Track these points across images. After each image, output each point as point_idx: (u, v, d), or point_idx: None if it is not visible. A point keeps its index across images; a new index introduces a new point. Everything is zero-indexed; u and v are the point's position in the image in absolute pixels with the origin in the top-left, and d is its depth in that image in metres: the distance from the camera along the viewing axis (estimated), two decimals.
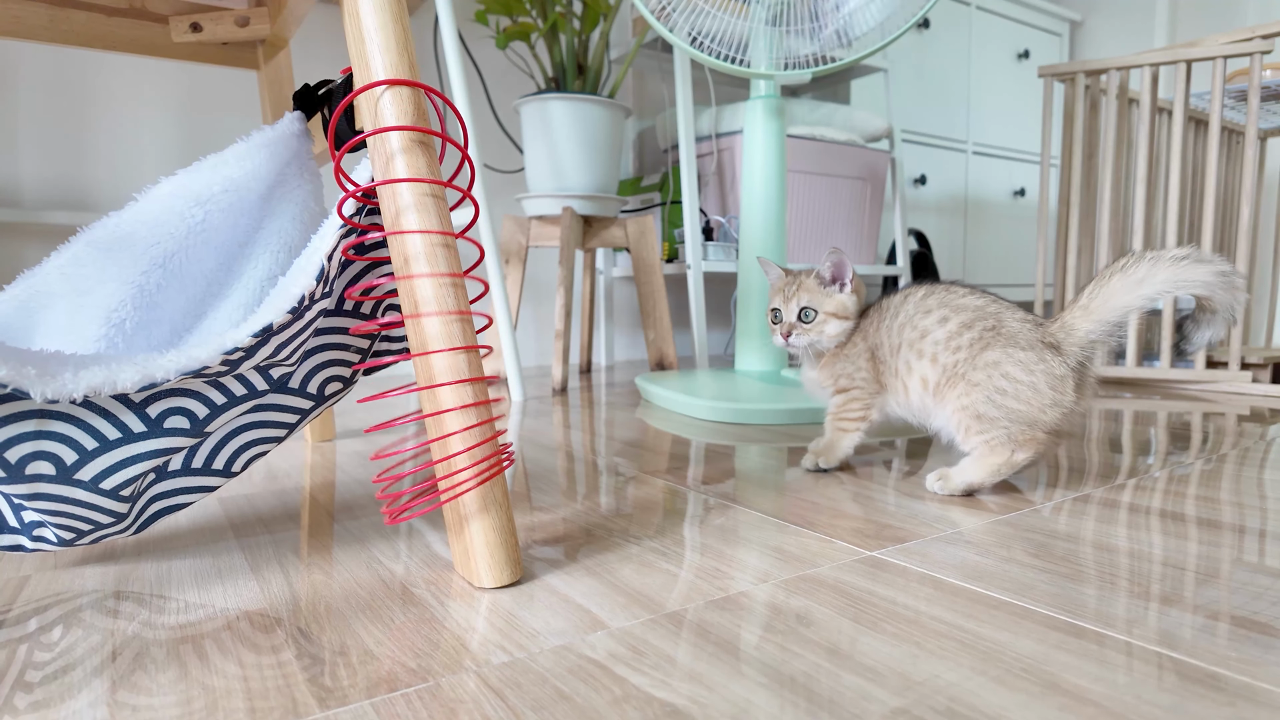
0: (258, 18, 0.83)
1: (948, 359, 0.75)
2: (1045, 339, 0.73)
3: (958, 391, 0.74)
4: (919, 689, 0.39)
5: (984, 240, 2.74)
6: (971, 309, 0.76)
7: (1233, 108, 1.88)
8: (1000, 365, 0.72)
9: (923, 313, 0.78)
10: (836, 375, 0.84)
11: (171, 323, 0.64)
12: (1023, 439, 0.72)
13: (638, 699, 0.38)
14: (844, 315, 0.83)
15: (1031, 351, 0.72)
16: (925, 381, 0.77)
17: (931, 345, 0.76)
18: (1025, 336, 0.73)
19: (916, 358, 0.77)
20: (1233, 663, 0.41)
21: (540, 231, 1.66)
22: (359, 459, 0.95)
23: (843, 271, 0.83)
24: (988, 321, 0.74)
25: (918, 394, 0.78)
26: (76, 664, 0.43)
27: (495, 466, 0.53)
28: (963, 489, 0.74)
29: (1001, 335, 0.73)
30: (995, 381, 0.72)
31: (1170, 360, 1.60)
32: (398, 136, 0.52)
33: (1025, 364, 0.72)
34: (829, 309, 0.83)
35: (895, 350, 0.80)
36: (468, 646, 0.44)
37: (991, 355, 0.73)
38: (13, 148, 1.49)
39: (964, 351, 0.74)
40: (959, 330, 0.75)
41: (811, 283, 0.84)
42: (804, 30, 1.12)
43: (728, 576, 0.55)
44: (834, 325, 0.83)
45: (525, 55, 2.05)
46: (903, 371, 0.79)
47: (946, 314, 0.76)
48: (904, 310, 0.80)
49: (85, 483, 0.51)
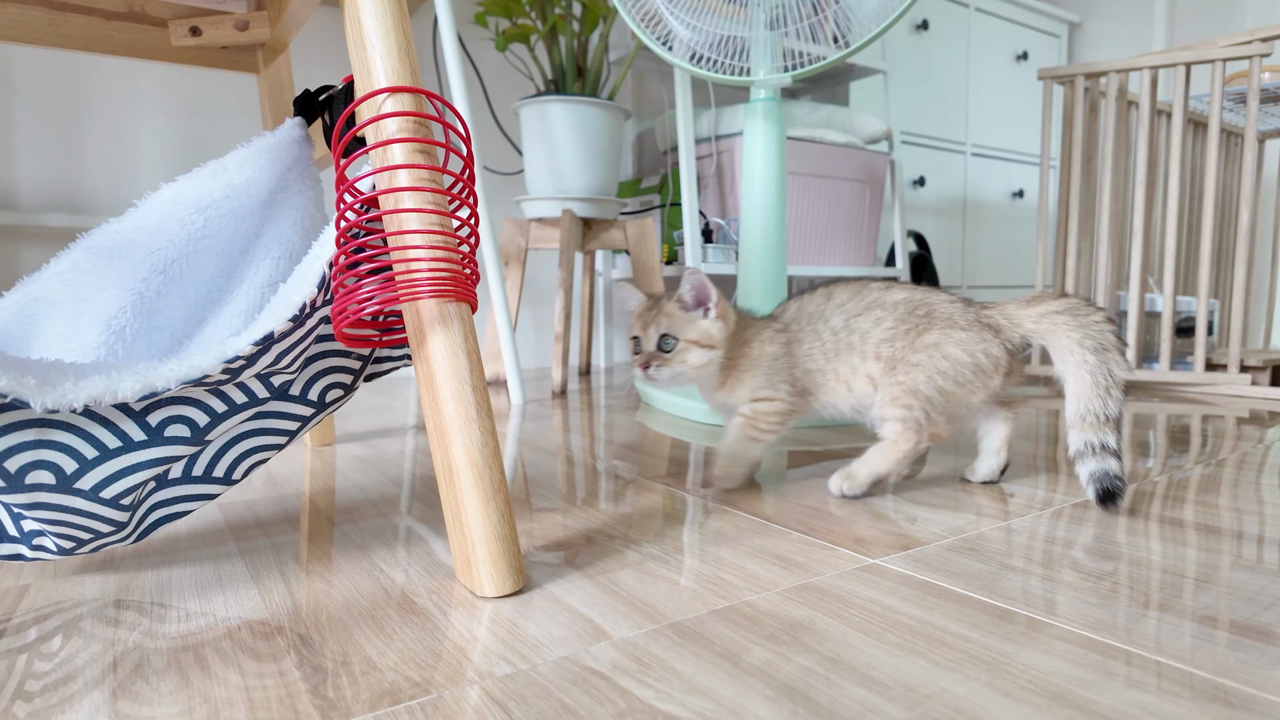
0: (258, 22, 0.83)
1: (888, 352, 0.76)
2: (983, 319, 0.75)
3: (897, 374, 0.75)
4: (926, 702, 0.38)
5: (983, 242, 2.74)
6: (902, 302, 0.77)
7: (1232, 110, 1.89)
8: (940, 346, 0.73)
9: (855, 315, 0.78)
10: (755, 389, 0.78)
11: (172, 330, 0.64)
12: (933, 429, 0.74)
13: (642, 712, 0.38)
14: (708, 343, 0.75)
15: (971, 331, 0.74)
16: (870, 379, 0.77)
17: (874, 345, 0.76)
18: (961, 317, 0.75)
19: (861, 359, 0.77)
20: (1238, 672, 0.41)
21: (539, 234, 1.66)
22: (359, 464, 0.95)
23: (705, 294, 0.76)
24: (920, 310, 0.76)
25: (862, 391, 0.78)
26: (77, 673, 0.43)
27: (458, 276, 0.52)
28: (870, 482, 0.75)
29: (937, 318, 0.75)
30: (936, 363, 0.73)
31: (1169, 363, 1.60)
32: (398, 135, 0.52)
33: (964, 343, 0.73)
34: (691, 336, 0.75)
35: (834, 354, 0.78)
36: (470, 657, 0.44)
37: (931, 337, 0.74)
38: (10, 150, 1.49)
39: (901, 340, 0.75)
40: (895, 324, 0.76)
41: (672, 307, 0.76)
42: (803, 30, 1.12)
43: (730, 585, 0.54)
44: (697, 355, 0.75)
45: (524, 57, 2.05)
46: (845, 373, 0.77)
47: (879, 314, 0.77)
48: (830, 315, 0.79)
49: (85, 492, 0.50)
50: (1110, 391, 0.70)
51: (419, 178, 0.52)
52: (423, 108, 0.53)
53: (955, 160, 2.62)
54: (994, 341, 0.74)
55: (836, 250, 2.06)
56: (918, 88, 2.48)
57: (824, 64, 1.10)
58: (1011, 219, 2.83)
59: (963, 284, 2.69)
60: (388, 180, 0.52)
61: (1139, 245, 1.63)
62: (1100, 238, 1.70)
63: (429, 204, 0.52)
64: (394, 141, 0.52)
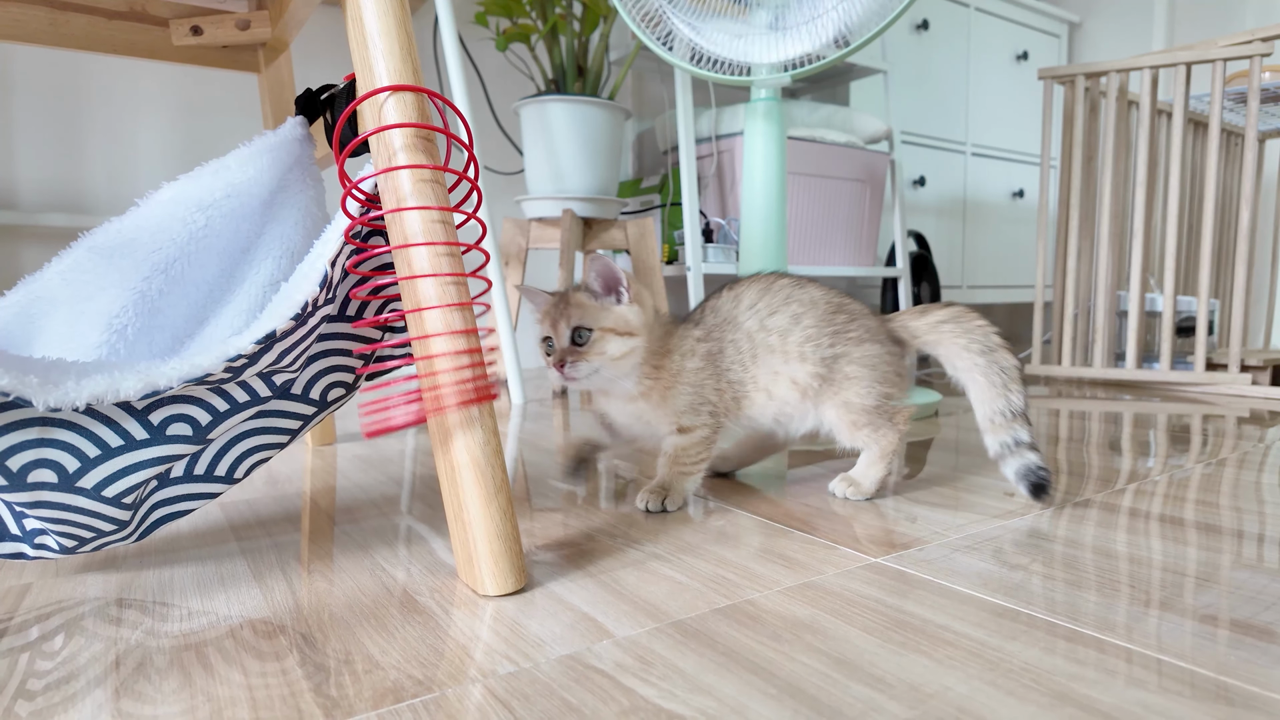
0: (259, 21, 0.83)
1: (816, 355, 0.73)
2: (891, 334, 0.76)
3: (835, 389, 0.73)
4: (928, 701, 0.39)
5: (983, 242, 2.74)
6: (820, 300, 0.75)
7: (1232, 110, 1.89)
8: (869, 358, 0.73)
9: (769, 312, 0.74)
10: (678, 412, 0.72)
11: (173, 329, 0.64)
12: (897, 418, 0.74)
13: (645, 710, 0.38)
14: (626, 330, 0.69)
15: (888, 345, 0.75)
16: (795, 383, 0.73)
17: (797, 345, 0.73)
18: (880, 330, 0.75)
19: (783, 361, 0.73)
20: (1239, 671, 0.41)
21: (540, 234, 1.66)
22: (360, 463, 0.95)
23: (614, 278, 0.70)
24: (842, 314, 0.74)
25: (784, 398, 0.74)
26: (79, 672, 0.43)
27: (482, 388, 0.52)
28: (875, 488, 0.75)
29: (864, 327, 0.75)
30: (872, 373, 0.73)
31: (1169, 363, 1.60)
32: (400, 138, 0.52)
33: (890, 356, 0.74)
34: (606, 324, 0.68)
35: (752, 358, 0.73)
36: (473, 656, 0.44)
37: (866, 350, 0.73)
38: (10, 150, 1.48)
39: (829, 346, 0.73)
40: (817, 325, 0.73)
41: (582, 297, 0.70)
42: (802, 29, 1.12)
43: (732, 583, 0.54)
44: (616, 344, 0.68)
45: (525, 57, 2.05)
46: (765, 379, 0.73)
47: (798, 310, 0.74)
48: (743, 315, 0.75)
49: (87, 490, 0.50)
50: (1009, 386, 0.72)
51: (420, 175, 0.52)
52: (424, 106, 0.53)
53: (955, 160, 2.62)
54: (900, 352, 0.76)
55: (837, 250, 2.06)
56: (918, 88, 2.48)
57: (824, 63, 1.10)
58: (1012, 219, 2.83)
59: (963, 284, 2.69)
60: (387, 178, 0.52)
61: (1139, 245, 1.63)
62: (1101, 238, 1.70)
63: (452, 298, 0.52)
64: (394, 126, 0.52)
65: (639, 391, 0.72)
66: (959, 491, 0.78)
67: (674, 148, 2.02)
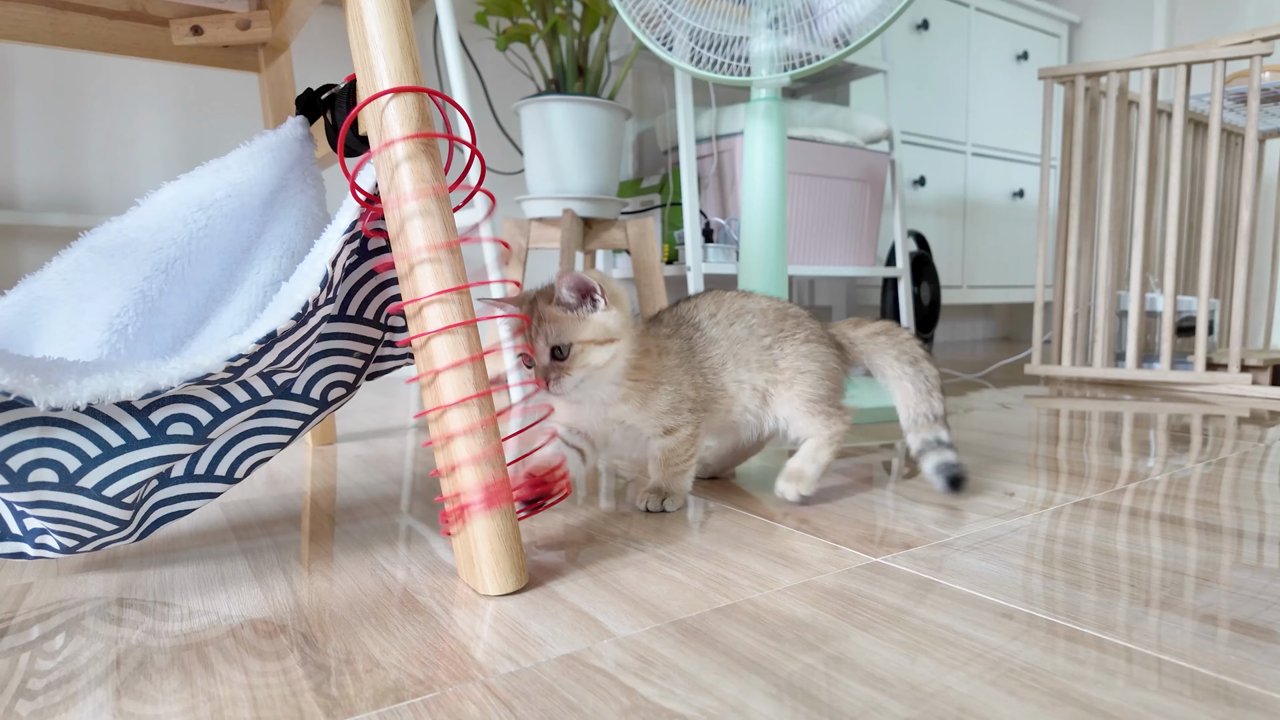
0: (259, 21, 0.83)
1: (769, 359, 0.76)
2: (832, 338, 0.80)
3: (788, 385, 0.76)
4: (929, 700, 0.39)
5: (983, 241, 2.74)
6: (770, 309, 0.79)
7: (1232, 110, 1.89)
8: (818, 355, 0.77)
9: (726, 323, 0.77)
10: (660, 414, 0.71)
11: (174, 328, 0.64)
12: (844, 411, 0.78)
13: (646, 709, 0.38)
14: (607, 338, 0.67)
15: (831, 345, 0.79)
16: (755, 389, 0.76)
17: (755, 353, 0.76)
18: (823, 332, 0.79)
19: (745, 369, 0.76)
20: (1240, 670, 0.41)
21: (540, 233, 1.66)
22: (360, 463, 0.95)
23: (586, 286, 0.67)
24: (785, 321, 0.78)
25: (746, 404, 0.76)
26: (80, 672, 0.43)
27: (504, 493, 0.53)
28: (820, 474, 0.76)
29: (808, 329, 0.78)
30: (821, 367, 0.76)
31: (1170, 362, 1.60)
32: (403, 146, 0.52)
33: (834, 355, 0.78)
34: (585, 336, 0.66)
35: (721, 364, 0.75)
36: (474, 655, 0.44)
37: (813, 348, 0.77)
38: (10, 150, 1.49)
39: (780, 347, 0.76)
40: (767, 332, 0.77)
41: (555, 311, 0.67)
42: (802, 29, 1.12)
43: (732, 583, 0.54)
44: (597, 354, 0.66)
45: (525, 57, 2.05)
46: (731, 387, 0.76)
47: (751, 321, 0.77)
48: (705, 322, 0.77)
49: (88, 490, 0.50)
50: (932, 394, 0.79)
51: (422, 177, 0.52)
52: (425, 107, 0.53)
53: (955, 160, 2.62)
54: (842, 355, 0.80)
55: (837, 250, 2.06)
56: (918, 88, 2.48)
57: (823, 63, 1.11)
58: (1012, 219, 2.83)
59: (963, 284, 2.69)
60: (389, 179, 0.52)
61: (1139, 245, 1.63)
62: (1101, 237, 1.70)
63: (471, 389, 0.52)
64: (397, 140, 0.52)
65: (621, 396, 0.70)
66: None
67: (674, 147, 2.02)
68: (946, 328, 3.13)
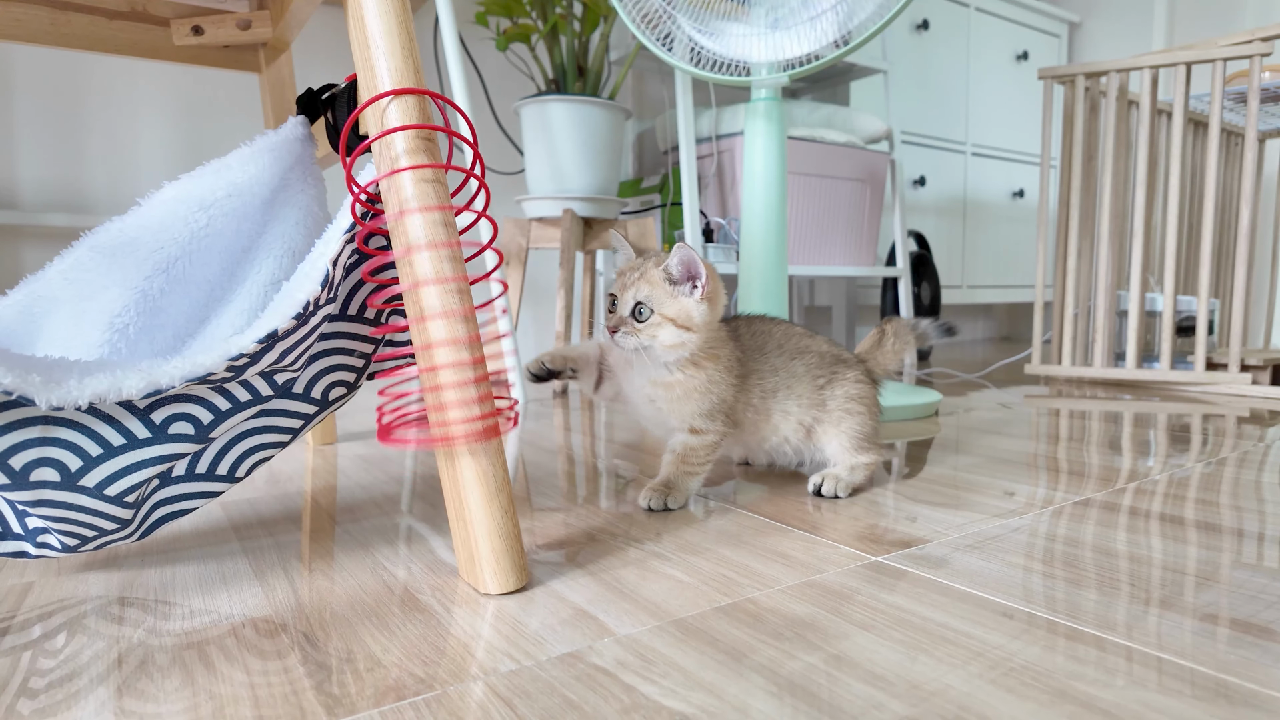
0: (260, 21, 0.83)
1: (818, 397, 0.79)
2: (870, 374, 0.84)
3: (837, 422, 0.79)
4: (930, 699, 0.39)
5: (983, 241, 2.74)
6: (827, 353, 0.82)
7: (1232, 110, 1.89)
8: (865, 398, 0.80)
9: (790, 357, 0.79)
10: (695, 413, 0.72)
11: (175, 328, 0.64)
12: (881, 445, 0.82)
13: (647, 708, 0.38)
14: (685, 324, 0.68)
15: (871, 386, 0.83)
16: (801, 424, 0.79)
17: (808, 390, 0.79)
18: (865, 373, 0.83)
19: (796, 403, 0.78)
20: (1240, 669, 0.41)
21: (540, 233, 1.66)
22: (361, 462, 0.95)
23: (694, 270, 0.69)
24: (839, 365, 0.82)
25: (787, 434, 0.79)
26: (81, 671, 0.43)
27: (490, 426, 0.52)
28: (853, 486, 0.78)
29: (854, 369, 0.82)
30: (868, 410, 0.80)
31: (1170, 362, 1.60)
32: (403, 142, 0.52)
33: (875, 395, 0.82)
34: (669, 313, 0.68)
35: (773, 393, 0.77)
36: (474, 654, 0.44)
37: (861, 390, 0.80)
38: (11, 150, 1.49)
39: (829, 389, 0.80)
40: (822, 373, 0.80)
41: (657, 275, 0.69)
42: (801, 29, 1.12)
43: (733, 582, 0.55)
44: (670, 333, 0.68)
45: (525, 57, 2.05)
46: (777, 416, 0.78)
47: (810, 360, 0.80)
48: (771, 351, 0.79)
49: (90, 489, 0.50)
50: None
51: (423, 177, 0.52)
52: (426, 108, 0.53)
53: (955, 160, 2.62)
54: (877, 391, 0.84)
55: (837, 250, 2.06)
56: (918, 87, 2.48)
57: (823, 63, 1.11)
58: (1012, 219, 2.83)
59: (963, 283, 2.69)
60: (389, 180, 0.52)
61: (1139, 245, 1.63)
62: (1101, 237, 1.70)
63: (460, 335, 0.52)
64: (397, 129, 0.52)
65: (665, 381, 0.71)
66: (959, 491, 0.79)
67: (674, 147, 2.02)
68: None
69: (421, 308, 0.52)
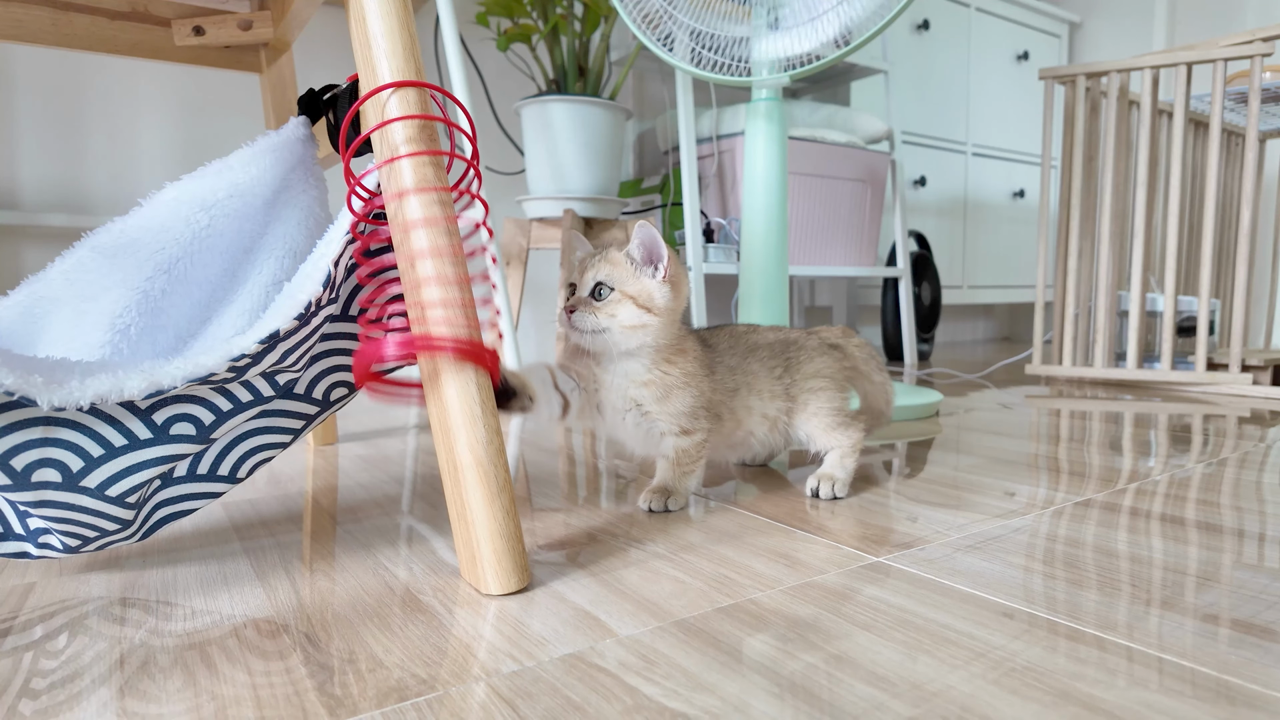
0: (261, 21, 0.83)
1: (780, 388, 0.79)
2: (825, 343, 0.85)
3: (804, 404, 0.80)
4: (931, 700, 0.39)
5: (984, 241, 2.74)
6: (775, 342, 0.82)
7: (1233, 110, 1.89)
8: (824, 370, 0.81)
9: (743, 356, 0.80)
10: (680, 414, 0.72)
11: (176, 328, 0.64)
12: (858, 418, 0.82)
13: (649, 709, 0.38)
14: (646, 304, 0.67)
15: (830, 354, 0.83)
16: (766, 417, 0.79)
17: (767, 384, 0.79)
18: (820, 346, 0.83)
19: (758, 399, 0.79)
20: (1241, 670, 0.41)
21: (541, 233, 1.66)
22: (361, 462, 0.95)
23: (656, 253, 0.68)
24: (789, 349, 0.82)
25: (752, 428, 0.79)
26: (83, 671, 0.43)
27: (477, 346, 0.52)
28: (849, 478, 0.78)
29: (808, 349, 0.82)
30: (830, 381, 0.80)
31: (1170, 362, 1.60)
32: (402, 131, 0.52)
33: (835, 362, 0.83)
34: (630, 290, 0.67)
35: (733, 392, 0.77)
36: (476, 655, 0.44)
37: (818, 365, 0.81)
38: (12, 150, 1.49)
39: (788, 376, 0.80)
40: (777, 363, 0.80)
41: (619, 257, 0.69)
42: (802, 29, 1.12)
43: (735, 582, 0.55)
44: (630, 313, 0.67)
45: (526, 57, 2.05)
46: (741, 412, 0.78)
47: (762, 355, 0.80)
48: (730, 355, 0.79)
49: (91, 490, 0.50)
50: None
51: (424, 173, 0.52)
52: (427, 102, 0.53)
53: (956, 160, 2.62)
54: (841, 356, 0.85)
55: (838, 250, 2.06)
56: (918, 88, 2.48)
57: (824, 63, 1.11)
58: (1012, 219, 2.83)
59: (963, 284, 2.69)
60: (389, 175, 0.52)
61: (1140, 245, 1.63)
62: (1101, 237, 1.70)
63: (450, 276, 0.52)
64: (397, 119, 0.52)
65: (644, 379, 0.71)
66: (960, 491, 0.79)
67: (675, 148, 2.02)
68: (947, 328, 3.14)
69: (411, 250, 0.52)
